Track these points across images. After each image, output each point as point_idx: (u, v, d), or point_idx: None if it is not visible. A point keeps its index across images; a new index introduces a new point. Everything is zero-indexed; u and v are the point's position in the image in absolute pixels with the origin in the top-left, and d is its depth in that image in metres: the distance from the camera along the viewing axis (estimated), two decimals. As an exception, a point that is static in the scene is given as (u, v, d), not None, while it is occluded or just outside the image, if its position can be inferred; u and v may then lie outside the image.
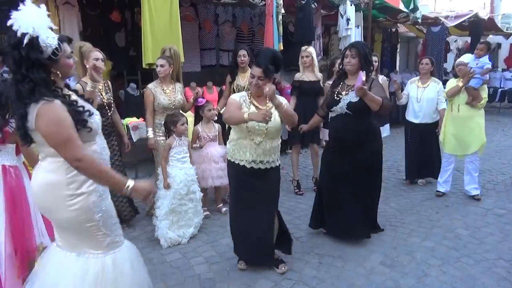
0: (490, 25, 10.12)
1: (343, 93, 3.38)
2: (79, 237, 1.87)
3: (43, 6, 1.75)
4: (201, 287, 2.89)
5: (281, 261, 3.08)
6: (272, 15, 5.66)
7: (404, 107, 5.21)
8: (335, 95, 3.43)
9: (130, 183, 1.79)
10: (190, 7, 6.82)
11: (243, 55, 4.35)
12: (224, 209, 4.25)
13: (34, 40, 1.66)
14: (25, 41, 1.64)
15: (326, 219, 3.61)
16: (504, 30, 10.87)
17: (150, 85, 3.82)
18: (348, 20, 6.76)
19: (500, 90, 11.69)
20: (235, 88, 4.41)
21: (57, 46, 1.74)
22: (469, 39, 10.33)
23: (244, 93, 3.02)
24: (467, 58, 4.55)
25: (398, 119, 9.19)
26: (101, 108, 3.48)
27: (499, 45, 13.32)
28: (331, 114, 3.52)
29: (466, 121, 4.44)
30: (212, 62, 7.19)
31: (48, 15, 1.76)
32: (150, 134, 3.85)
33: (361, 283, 2.92)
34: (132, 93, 6.31)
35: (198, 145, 4.00)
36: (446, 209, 4.34)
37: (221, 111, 4.28)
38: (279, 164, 3.03)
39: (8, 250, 2.28)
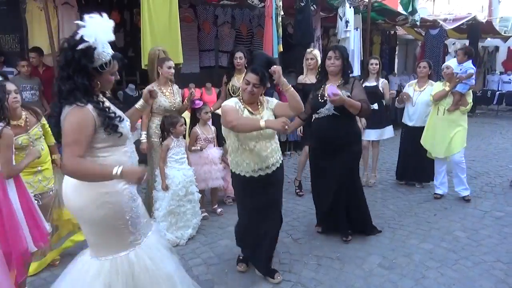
0: (488, 28, 10.17)
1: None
2: (106, 235, 1.95)
3: (110, 21, 1.85)
4: (199, 289, 2.88)
5: (275, 270, 3.01)
6: (272, 17, 5.67)
7: (403, 109, 5.22)
8: (319, 97, 3.45)
9: (117, 169, 1.79)
10: (189, 8, 6.82)
11: (240, 57, 4.35)
12: (219, 209, 4.25)
13: (90, 49, 1.77)
14: (82, 46, 1.76)
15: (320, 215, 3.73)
16: (502, 33, 10.91)
17: (150, 87, 3.76)
18: (347, 22, 6.77)
19: (498, 93, 11.75)
20: (230, 88, 4.42)
21: (107, 61, 1.84)
22: (467, 42, 10.38)
23: (235, 99, 2.87)
24: (453, 62, 4.60)
25: (396, 121, 9.22)
26: None
27: (497, 48, 13.40)
28: (316, 116, 3.53)
29: (451, 124, 4.48)
30: (211, 63, 7.20)
31: (111, 26, 1.86)
32: (143, 137, 3.83)
33: (359, 285, 2.92)
34: (130, 94, 6.30)
35: (198, 148, 3.99)
36: (444, 211, 4.34)
37: (216, 111, 4.29)
38: (282, 161, 2.99)
39: None
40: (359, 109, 3.25)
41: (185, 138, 3.89)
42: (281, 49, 5.91)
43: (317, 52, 4.80)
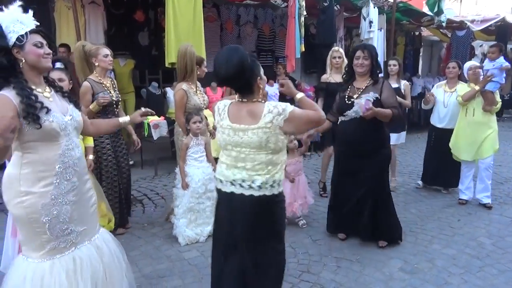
0: (517, 30, 9.85)
1: (355, 96, 3.30)
2: (26, 234, 1.87)
3: (17, 8, 1.82)
4: (218, 286, 2.89)
5: None
6: (294, 17, 5.66)
7: (427, 112, 5.11)
8: (346, 99, 3.35)
9: None
10: (213, 7, 6.89)
11: None
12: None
13: None
14: None
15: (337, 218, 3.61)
16: (533, 35, 10.55)
17: (184, 87, 3.63)
18: (371, 22, 6.69)
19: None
20: None
21: (23, 34, 1.79)
22: (495, 44, 10.07)
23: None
24: (475, 63, 4.51)
25: (420, 123, 9.04)
26: (110, 105, 3.51)
27: (526, 51, 12.97)
28: (342, 118, 3.41)
29: (481, 126, 4.36)
30: (232, 63, 7.23)
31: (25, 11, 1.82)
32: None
33: (379, 289, 2.88)
34: (153, 92, 6.40)
35: None
36: (469, 216, 4.23)
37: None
38: None
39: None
40: (390, 118, 3.18)
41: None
42: (303, 49, 5.89)
43: (342, 51, 4.73)
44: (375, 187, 3.39)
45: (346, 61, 4.67)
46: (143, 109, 2.49)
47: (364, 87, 3.31)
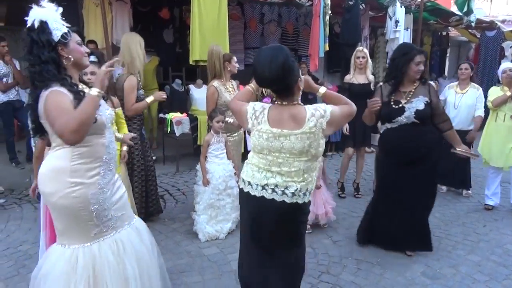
0: (551, 31, 9.49)
1: (403, 101, 3.16)
2: (70, 223, 1.91)
3: (54, 6, 1.87)
4: (237, 283, 2.89)
5: None
6: (319, 16, 5.61)
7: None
8: (393, 103, 3.18)
9: (93, 91, 1.76)
10: (237, 5, 6.91)
11: None
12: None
13: (43, 24, 1.79)
14: (36, 24, 1.79)
15: (375, 229, 3.47)
16: None
17: (215, 83, 3.70)
18: (397, 22, 6.57)
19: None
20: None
21: (66, 31, 1.85)
22: (526, 45, 9.74)
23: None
24: (509, 64, 4.38)
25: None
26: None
27: (560, 52, 12.48)
28: (389, 126, 3.25)
29: (511, 131, 4.23)
30: (255, 61, 7.24)
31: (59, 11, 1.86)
32: None
33: (400, 293, 2.83)
34: (177, 89, 6.46)
35: None
36: (495, 222, 4.11)
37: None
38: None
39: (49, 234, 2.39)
40: None
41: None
42: (327, 48, 5.83)
43: (367, 51, 4.67)
44: (426, 194, 3.27)
45: (370, 61, 4.61)
46: (131, 134, 2.83)
47: (413, 90, 3.18)
